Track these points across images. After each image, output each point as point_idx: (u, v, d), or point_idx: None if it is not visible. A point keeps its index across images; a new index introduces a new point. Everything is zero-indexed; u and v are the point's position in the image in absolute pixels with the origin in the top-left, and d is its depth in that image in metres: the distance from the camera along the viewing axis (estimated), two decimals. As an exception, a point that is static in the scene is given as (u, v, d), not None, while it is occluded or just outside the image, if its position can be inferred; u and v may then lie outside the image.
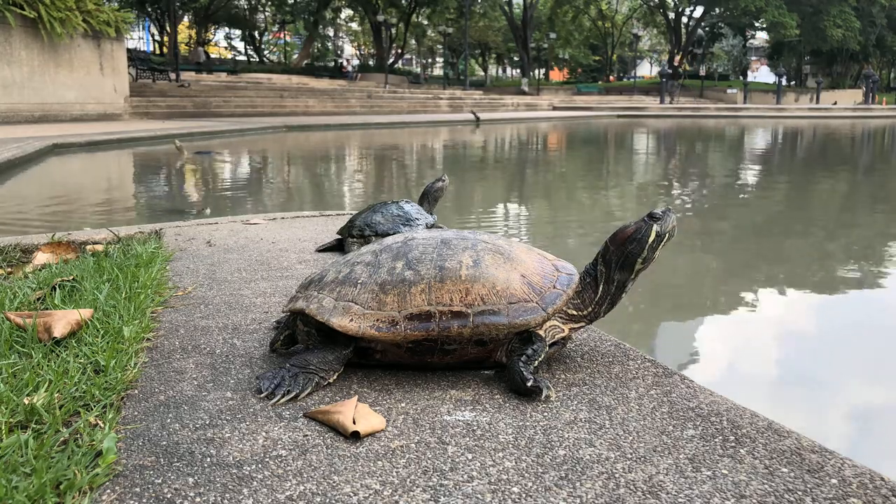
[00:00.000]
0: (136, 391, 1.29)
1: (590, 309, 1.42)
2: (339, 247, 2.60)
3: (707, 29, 47.55)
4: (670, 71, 34.33)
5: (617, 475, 1.00)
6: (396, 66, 47.18)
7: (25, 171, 8.20)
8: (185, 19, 42.28)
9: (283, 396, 1.25)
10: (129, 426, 1.14)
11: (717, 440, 1.11)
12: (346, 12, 48.63)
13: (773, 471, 1.01)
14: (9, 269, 2.21)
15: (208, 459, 1.04)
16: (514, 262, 1.38)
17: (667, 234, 1.39)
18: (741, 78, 50.14)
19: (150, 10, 38.64)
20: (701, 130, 21.28)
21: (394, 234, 2.44)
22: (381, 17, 39.16)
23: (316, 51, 46.96)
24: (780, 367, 2.74)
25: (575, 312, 1.42)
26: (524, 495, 0.95)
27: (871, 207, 7.17)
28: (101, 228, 3.14)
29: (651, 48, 62.58)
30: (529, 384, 1.26)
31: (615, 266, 1.40)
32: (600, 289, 1.42)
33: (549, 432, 1.14)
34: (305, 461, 1.04)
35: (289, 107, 22.39)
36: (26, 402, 1.14)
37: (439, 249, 1.38)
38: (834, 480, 0.99)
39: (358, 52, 56.55)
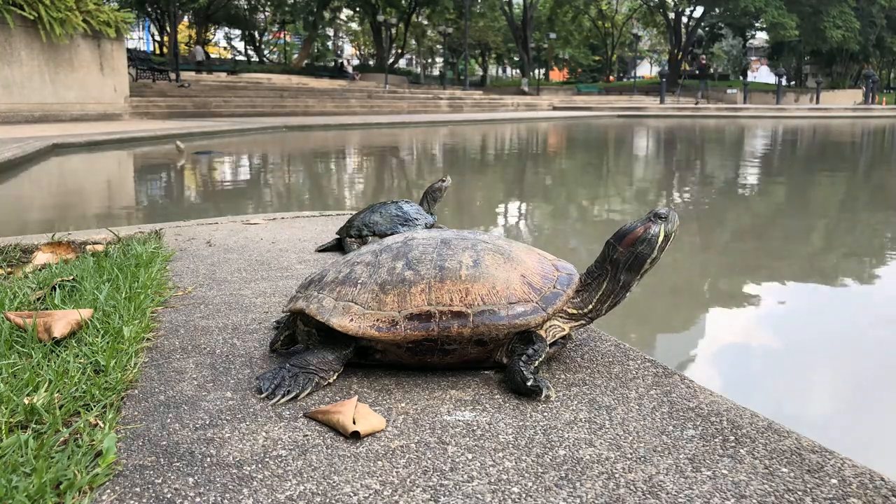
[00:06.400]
0: (136, 391, 1.29)
1: (591, 307, 1.42)
2: (338, 247, 2.60)
3: (707, 29, 47.52)
4: (697, 71, 34.38)
5: (617, 475, 1.00)
6: (396, 66, 47.19)
7: (25, 171, 8.20)
8: (185, 19, 42.28)
9: (283, 396, 1.25)
10: (129, 426, 1.14)
11: (717, 440, 1.11)
12: (346, 12, 48.64)
13: (773, 471, 1.01)
14: (9, 269, 2.21)
15: (208, 459, 1.04)
16: (514, 262, 1.38)
17: (672, 234, 1.40)
18: (741, 78, 50.11)
19: (150, 10, 38.63)
20: (701, 130, 21.29)
21: (392, 234, 2.44)
22: (381, 18, 39.16)
23: (316, 51, 46.95)
24: (781, 366, 2.74)
25: (576, 311, 1.42)
26: (524, 495, 0.95)
27: (871, 207, 7.17)
28: (101, 228, 3.14)
29: (651, 48, 62.57)
30: (529, 384, 1.26)
31: (622, 266, 1.40)
32: (604, 288, 1.41)
33: (549, 432, 1.14)
34: (305, 461, 1.04)
35: (289, 107, 22.39)
36: (26, 402, 1.14)
37: (439, 249, 1.38)
38: (834, 480, 0.99)
39: (358, 52, 56.56)
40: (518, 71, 52.04)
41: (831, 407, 2.39)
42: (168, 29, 34.97)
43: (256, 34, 46.43)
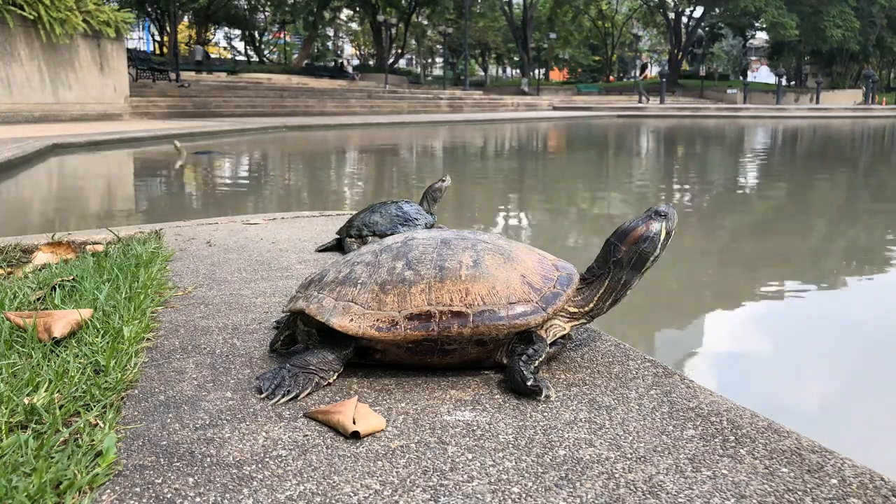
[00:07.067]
0: (136, 391, 1.29)
1: (591, 305, 1.42)
2: (338, 247, 2.60)
3: (707, 29, 47.52)
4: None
5: (617, 475, 1.00)
6: (396, 66, 47.19)
7: (25, 171, 8.20)
8: (185, 19, 42.28)
9: (283, 396, 1.25)
10: (129, 426, 1.14)
11: (717, 440, 1.11)
12: (346, 12, 48.64)
13: (773, 471, 1.01)
14: (9, 269, 2.21)
15: (208, 459, 1.04)
16: (514, 261, 1.38)
17: (672, 231, 1.40)
18: (741, 78, 50.10)
19: (150, 10, 38.63)
20: (701, 130, 21.28)
21: (392, 234, 2.44)
22: (381, 18, 39.16)
23: (316, 51, 46.96)
24: (781, 366, 2.74)
25: (576, 310, 1.42)
26: (524, 495, 0.95)
27: (871, 207, 7.17)
28: (101, 228, 3.14)
29: (651, 48, 62.56)
30: (529, 384, 1.25)
31: (625, 265, 1.40)
32: (605, 286, 1.41)
33: (549, 432, 1.13)
34: (305, 461, 1.04)
35: (289, 107, 22.39)
36: (26, 402, 1.14)
37: (439, 249, 1.38)
38: (834, 480, 0.99)
39: (358, 52, 56.56)
40: (518, 71, 52.02)
41: (831, 407, 2.39)
42: (168, 29, 34.97)
43: (256, 34, 46.43)
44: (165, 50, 36.42)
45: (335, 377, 1.34)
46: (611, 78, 53.34)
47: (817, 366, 2.79)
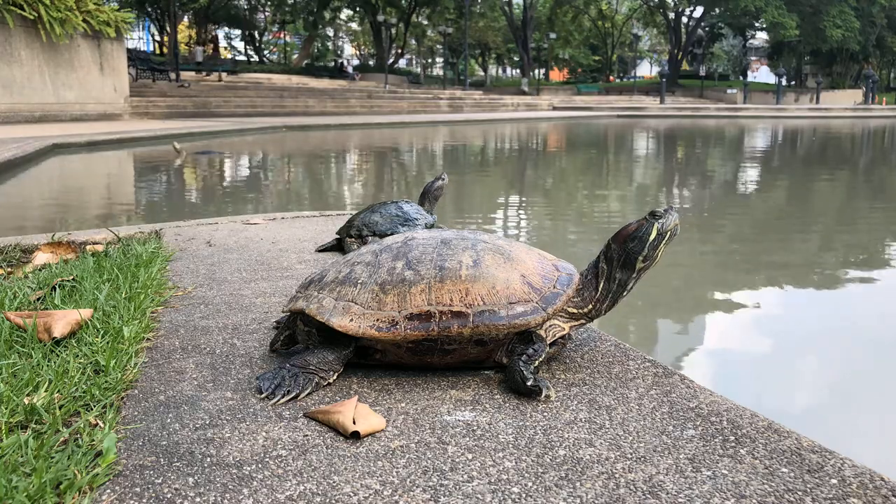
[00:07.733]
0: (136, 391, 1.29)
1: (590, 307, 1.42)
2: (338, 247, 2.60)
3: (707, 29, 47.53)
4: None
5: (617, 475, 1.00)
6: (396, 66, 47.19)
7: (25, 171, 8.20)
8: (185, 19, 42.27)
9: (283, 397, 1.25)
10: (129, 426, 1.14)
11: (717, 440, 1.11)
12: (346, 12, 48.64)
13: (773, 471, 1.01)
14: (9, 269, 2.21)
15: (208, 459, 1.04)
16: (514, 261, 1.38)
17: (668, 233, 1.38)
18: (741, 78, 50.12)
19: (150, 10, 38.63)
20: (701, 131, 21.28)
21: (392, 234, 2.44)
22: (381, 18, 39.17)
23: (316, 51, 46.96)
24: (781, 366, 2.74)
25: (575, 311, 1.42)
26: (524, 495, 0.95)
27: (870, 207, 7.17)
28: (101, 228, 3.14)
29: (651, 48, 62.57)
30: (529, 384, 1.25)
31: (616, 264, 1.40)
32: (601, 286, 1.41)
33: (549, 432, 1.13)
34: (305, 461, 1.04)
35: (289, 107, 22.39)
36: (26, 402, 1.14)
37: (439, 249, 1.38)
38: (834, 480, 0.99)
39: (358, 52, 56.56)
40: (518, 71, 52.02)
41: (831, 406, 2.39)
42: (168, 29, 34.95)
43: (256, 34, 46.42)
44: (165, 50, 36.40)
45: (335, 377, 1.34)
46: (611, 78, 53.34)
47: (817, 366, 2.79)
